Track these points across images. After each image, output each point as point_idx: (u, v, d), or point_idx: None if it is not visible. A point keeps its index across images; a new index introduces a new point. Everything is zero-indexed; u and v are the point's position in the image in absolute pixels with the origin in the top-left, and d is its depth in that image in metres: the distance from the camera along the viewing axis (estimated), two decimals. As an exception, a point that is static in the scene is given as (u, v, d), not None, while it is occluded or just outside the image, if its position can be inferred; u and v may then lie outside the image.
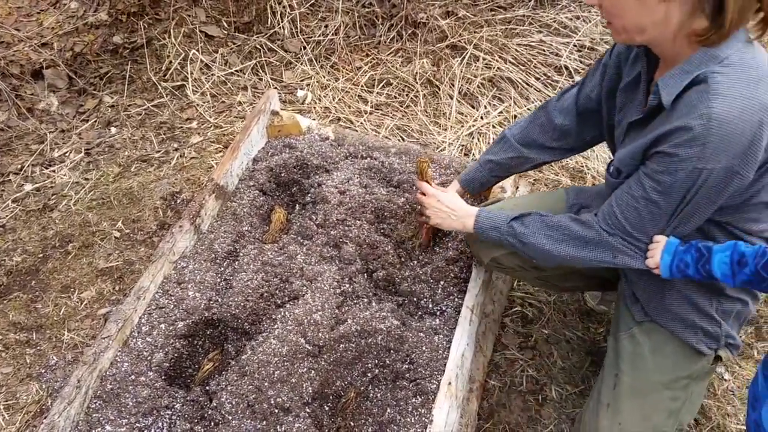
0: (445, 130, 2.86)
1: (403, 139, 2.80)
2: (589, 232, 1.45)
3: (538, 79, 3.04)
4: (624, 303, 1.64)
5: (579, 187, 1.81)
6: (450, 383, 1.63)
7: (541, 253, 1.53)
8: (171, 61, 3.09)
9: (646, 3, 1.20)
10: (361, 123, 2.87)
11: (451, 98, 2.97)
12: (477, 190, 1.94)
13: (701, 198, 1.26)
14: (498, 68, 3.03)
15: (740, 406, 1.89)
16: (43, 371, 1.98)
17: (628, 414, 1.55)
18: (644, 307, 1.57)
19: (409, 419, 1.60)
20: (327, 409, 1.67)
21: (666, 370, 1.54)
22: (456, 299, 1.87)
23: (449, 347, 1.72)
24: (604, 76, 1.58)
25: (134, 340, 1.75)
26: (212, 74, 3.09)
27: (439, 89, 3.00)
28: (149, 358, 1.72)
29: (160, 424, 1.62)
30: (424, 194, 1.83)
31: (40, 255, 2.35)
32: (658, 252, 1.36)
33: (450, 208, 1.74)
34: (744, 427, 1.82)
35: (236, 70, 3.12)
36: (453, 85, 3.01)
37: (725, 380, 1.95)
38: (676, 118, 1.23)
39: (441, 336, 1.78)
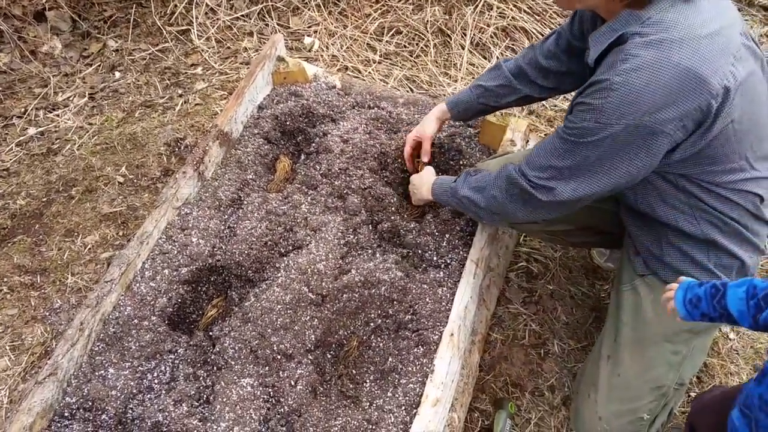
0: (456, 81, 2.79)
1: (412, 90, 2.74)
2: (499, 172, 1.52)
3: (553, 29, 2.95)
4: (627, 256, 1.63)
5: None
6: (452, 334, 1.63)
7: (470, 205, 1.61)
8: (176, 5, 3.01)
9: None
10: (369, 72, 2.80)
11: (463, 48, 2.89)
12: (462, 115, 1.94)
13: (613, 152, 1.27)
14: (512, 17, 2.94)
15: (743, 365, 1.89)
16: (47, 314, 1.99)
17: (627, 365, 1.56)
18: (645, 260, 1.56)
19: (410, 368, 1.60)
20: (329, 356, 1.68)
21: (667, 323, 1.53)
22: (461, 252, 1.85)
23: (452, 299, 1.71)
24: (582, 24, 1.58)
25: (137, 285, 1.75)
26: (218, 19, 3.01)
27: (451, 39, 2.92)
28: (152, 302, 1.72)
29: (162, 368, 1.63)
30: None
31: (44, 199, 2.34)
32: (673, 292, 1.31)
33: (415, 183, 1.86)
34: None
35: (242, 15, 3.04)
36: (465, 35, 2.92)
37: (730, 339, 1.95)
38: (596, 75, 1.27)
39: (445, 288, 1.77)
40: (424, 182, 1.81)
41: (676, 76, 1.17)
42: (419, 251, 1.87)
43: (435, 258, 1.86)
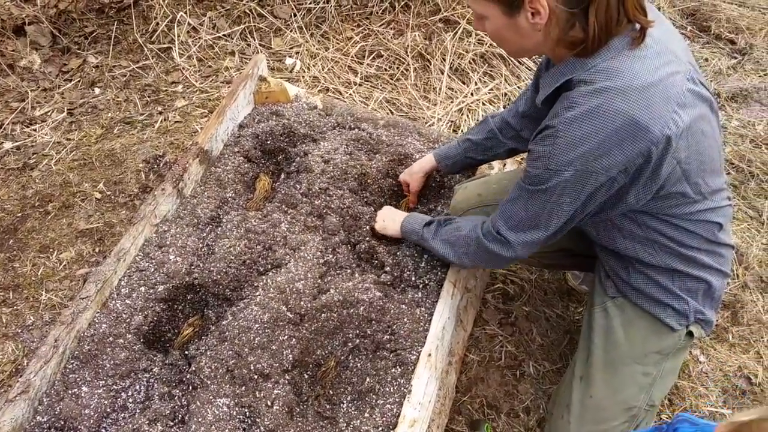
0: (435, 105, 2.84)
1: (392, 113, 2.78)
2: (469, 233, 1.59)
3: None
4: (598, 278, 1.67)
5: None
6: (430, 355, 1.64)
7: (440, 256, 1.71)
8: (158, 23, 3.02)
9: (523, 33, 1.30)
10: (350, 94, 2.84)
11: (442, 73, 2.95)
12: (450, 168, 1.99)
13: (564, 196, 1.33)
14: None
15: (713, 387, 1.93)
16: (19, 331, 1.96)
17: (599, 387, 1.58)
18: (615, 283, 1.60)
19: (388, 389, 1.61)
20: (306, 377, 1.67)
21: (637, 344, 1.57)
22: (439, 273, 1.87)
23: (430, 320, 1.73)
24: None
25: (113, 302, 1.73)
26: (199, 38, 3.03)
27: (430, 63, 2.97)
28: (128, 320, 1.70)
29: (137, 387, 1.61)
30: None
31: (19, 214, 2.30)
32: None
33: (386, 215, 1.90)
34: (715, 409, 1.87)
35: (224, 35, 3.06)
36: (444, 60, 2.98)
37: (700, 362, 1.99)
38: (544, 121, 1.33)
39: (423, 309, 1.79)
40: (396, 218, 1.87)
41: (618, 123, 1.22)
42: (398, 271, 1.88)
43: (413, 278, 1.87)
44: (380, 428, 1.54)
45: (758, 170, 2.64)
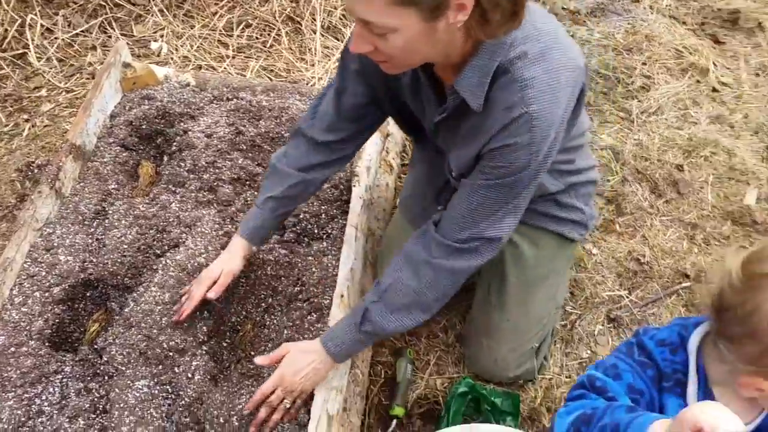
0: (313, 65, 2.83)
1: (271, 80, 2.75)
2: (421, 275, 1.37)
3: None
4: None
5: None
6: (342, 296, 1.68)
7: (407, 326, 1.46)
8: (6, 29, 2.84)
9: (437, 38, 1.11)
10: (225, 68, 2.79)
11: (315, 33, 2.94)
12: (266, 239, 1.72)
13: (540, 169, 1.25)
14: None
15: (608, 274, 2.08)
16: None
17: (514, 311, 1.68)
18: None
19: (307, 335, 1.63)
20: (225, 344, 1.68)
21: (545, 263, 1.66)
22: (340, 221, 1.91)
23: (338, 265, 1.76)
24: (368, 78, 1.44)
25: (8, 313, 1.65)
26: (56, 38, 2.87)
27: (302, 25, 2.96)
28: (28, 327, 1.63)
29: (51, 390, 1.55)
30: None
31: None
32: None
33: (286, 370, 1.48)
34: (613, 293, 2.02)
35: (82, 31, 2.91)
36: (315, 20, 2.97)
37: (593, 254, 2.13)
38: (498, 114, 1.20)
39: (330, 257, 1.82)
40: (304, 356, 1.48)
41: (569, 74, 1.19)
42: (299, 227, 1.90)
43: (316, 230, 1.90)
44: (305, 373, 1.56)
45: (623, 74, 2.82)
